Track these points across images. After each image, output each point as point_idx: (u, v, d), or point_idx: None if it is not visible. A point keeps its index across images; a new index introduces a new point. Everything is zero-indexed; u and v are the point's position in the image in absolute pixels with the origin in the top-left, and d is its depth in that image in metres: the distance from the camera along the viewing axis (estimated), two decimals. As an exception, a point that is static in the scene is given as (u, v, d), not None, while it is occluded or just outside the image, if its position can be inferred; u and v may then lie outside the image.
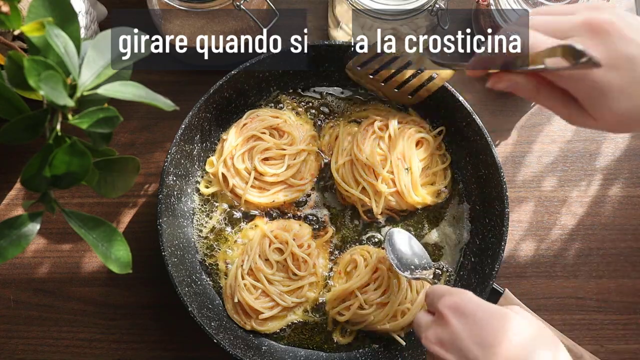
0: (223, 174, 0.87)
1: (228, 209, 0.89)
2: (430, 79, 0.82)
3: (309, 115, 0.93)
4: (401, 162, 0.86)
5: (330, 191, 0.90)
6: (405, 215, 0.89)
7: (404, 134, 0.87)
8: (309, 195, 0.90)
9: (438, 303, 0.64)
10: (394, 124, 0.87)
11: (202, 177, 0.90)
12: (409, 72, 0.82)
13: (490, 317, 0.60)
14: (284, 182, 0.88)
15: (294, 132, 0.89)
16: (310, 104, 0.93)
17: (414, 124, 0.89)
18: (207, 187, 0.89)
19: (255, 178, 0.87)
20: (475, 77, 0.66)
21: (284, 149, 0.88)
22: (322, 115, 0.93)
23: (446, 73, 0.80)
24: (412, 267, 0.81)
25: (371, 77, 0.83)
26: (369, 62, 0.81)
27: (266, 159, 0.88)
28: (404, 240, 0.84)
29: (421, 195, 0.87)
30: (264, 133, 0.88)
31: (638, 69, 0.54)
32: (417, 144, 0.88)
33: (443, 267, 0.89)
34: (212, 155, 0.90)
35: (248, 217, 0.89)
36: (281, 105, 0.92)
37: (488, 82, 0.63)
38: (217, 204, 0.89)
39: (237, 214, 0.89)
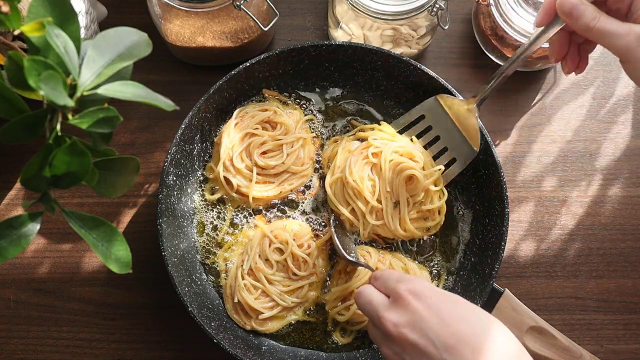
0: (225, 177, 0.87)
1: (234, 213, 0.89)
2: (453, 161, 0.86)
3: (295, 102, 0.93)
4: (390, 194, 0.84)
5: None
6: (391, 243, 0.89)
7: (396, 168, 0.83)
8: (310, 180, 0.90)
9: (396, 286, 0.66)
10: (385, 153, 0.83)
11: (204, 179, 0.90)
12: (432, 152, 0.87)
13: (445, 300, 0.64)
14: (287, 171, 0.88)
15: (287, 121, 0.89)
16: (311, 103, 0.93)
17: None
18: (212, 194, 0.89)
19: (257, 173, 0.87)
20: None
21: (280, 139, 0.88)
22: (320, 116, 0.93)
23: (472, 152, 0.85)
24: (353, 253, 0.83)
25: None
26: (402, 132, 0.88)
27: (264, 152, 0.88)
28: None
29: (409, 231, 0.85)
30: (257, 128, 0.88)
31: None
32: (409, 180, 0.84)
33: (443, 267, 0.89)
34: (210, 161, 0.90)
35: (248, 217, 0.89)
36: (266, 99, 0.92)
37: (557, 3, 0.66)
38: (225, 209, 0.89)
39: (238, 215, 0.89)
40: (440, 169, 0.84)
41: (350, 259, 0.80)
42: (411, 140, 0.87)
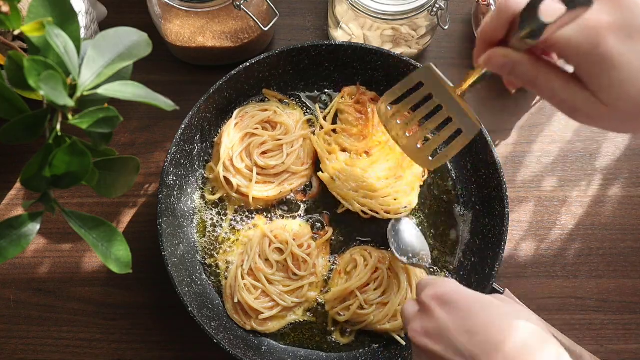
0: (225, 177, 0.87)
1: (234, 213, 0.89)
2: (458, 132, 0.71)
3: (296, 103, 0.93)
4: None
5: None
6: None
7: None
8: (310, 179, 0.91)
9: (422, 294, 0.62)
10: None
11: (203, 179, 0.90)
12: (435, 122, 0.72)
13: (473, 304, 0.59)
14: (287, 171, 0.88)
15: (287, 121, 0.89)
16: (311, 103, 0.93)
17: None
18: (212, 194, 0.89)
19: (257, 173, 0.87)
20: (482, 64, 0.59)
21: (280, 139, 0.88)
22: (320, 115, 0.93)
23: (475, 126, 0.70)
24: (410, 255, 0.82)
25: (398, 122, 0.75)
26: (398, 101, 0.74)
27: (264, 152, 0.88)
28: (408, 228, 0.86)
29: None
30: (257, 128, 0.88)
31: None
32: None
33: (443, 267, 0.89)
34: (210, 161, 0.90)
35: (248, 217, 0.89)
36: (267, 99, 0.92)
37: (480, 59, 0.56)
38: (225, 209, 0.89)
39: (238, 215, 0.89)
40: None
41: (407, 262, 0.80)
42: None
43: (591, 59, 0.48)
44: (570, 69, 0.53)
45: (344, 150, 0.88)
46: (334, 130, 0.89)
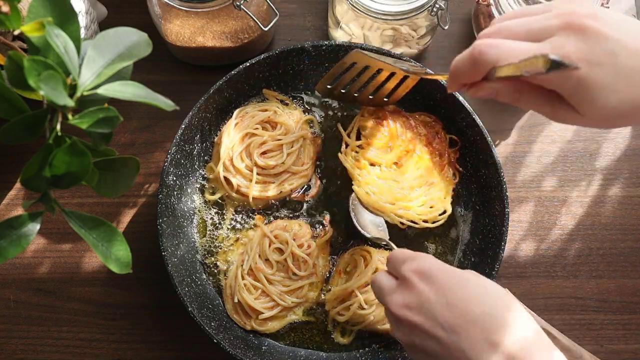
0: (225, 177, 0.87)
1: (234, 213, 0.89)
2: (405, 78, 0.80)
3: (295, 102, 0.93)
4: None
5: (331, 183, 0.90)
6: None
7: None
8: (310, 180, 0.90)
9: (401, 268, 0.64)
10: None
11: (203, 179, 0.90)
12: (381, 79, 0.81)
13: (452, 279, 0.61)
14: (287, 171, 0.88)
15: (287, 121, 0.89)
16: (311, 103, 0.93)
17: None
18: (212, 194, 0.89)
19: (257, 173, 0.87)
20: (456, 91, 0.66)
21: (280, 139, 0.88)
22: (320, 116, 0.93)
23: (419, 71, 0.78)
24: (370, 229, 0.83)
25: (343, 91, 0.83)
26: (337, 79, 0.82)
27: (264, 152, 0.88)
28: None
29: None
30: (257, 128, 0.88)
31: (620, 63, 0.54)
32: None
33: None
34: (210, 161, 0.90)
35: (248, 217, 0.89)
36: (266, 98, 0.92)
37: (467, 91, 0.62)
38: (225, 209, 0.89)
39: (238, 215, 0.89)
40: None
41: (370, 236, 0.81)
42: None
43: (568, 83, 0.55)
44: None
45: (372, 164, 0.88)
46: (360, 146, 0.89)
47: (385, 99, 0.85)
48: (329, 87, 0.83)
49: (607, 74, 0.54)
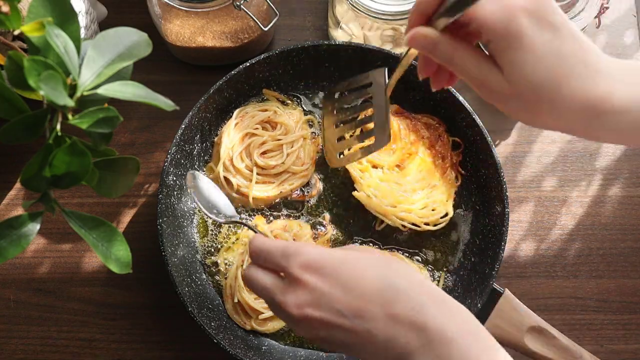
0: (225, 177, 0.87)
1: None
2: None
3: (295, 102, 0.93)
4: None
5: (330, 181, 0.90)
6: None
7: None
8: (310, 180, 0.91)
9: (287, 266, 0.59)
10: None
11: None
12: (356, 127, 0.77)
13: (339, 263, 0.59)
14: (287, 171, 0.89)
15: (287, 121, 0.89)
16: (310, 103, 0.93)
17: None
18: None
19: (257, 174, 0.87)
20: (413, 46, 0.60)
21: (280, 139, 0.88)
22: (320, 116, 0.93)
23: (383, 142, 0.74)
24: (215, 211, 0.79)
25: (335, 113, 0.79)
26: (340, 98, 0.79)
27: (264, 152, 0.88)
28: (205, 183, 0.81)
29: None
30: (257, 128, 0.88)
31: (557, 40, 0.52)
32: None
33: (443, 267, 0.89)
34: (210, 161, 0.90)
35: (248, 217, 0.89)
36: (266, 98, 0.92)
37: (405, 37, 0.58)
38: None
39: (239, 216, 0.89)
40: None
41: (224, 221, 0.77)
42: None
43: (503, 33, 0.52)
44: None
45: (375, 167, 0.88)
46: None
47: (339, 155, 0.80)
48: (335, 96, 0.79)
49: (544, 43, 0.52)
